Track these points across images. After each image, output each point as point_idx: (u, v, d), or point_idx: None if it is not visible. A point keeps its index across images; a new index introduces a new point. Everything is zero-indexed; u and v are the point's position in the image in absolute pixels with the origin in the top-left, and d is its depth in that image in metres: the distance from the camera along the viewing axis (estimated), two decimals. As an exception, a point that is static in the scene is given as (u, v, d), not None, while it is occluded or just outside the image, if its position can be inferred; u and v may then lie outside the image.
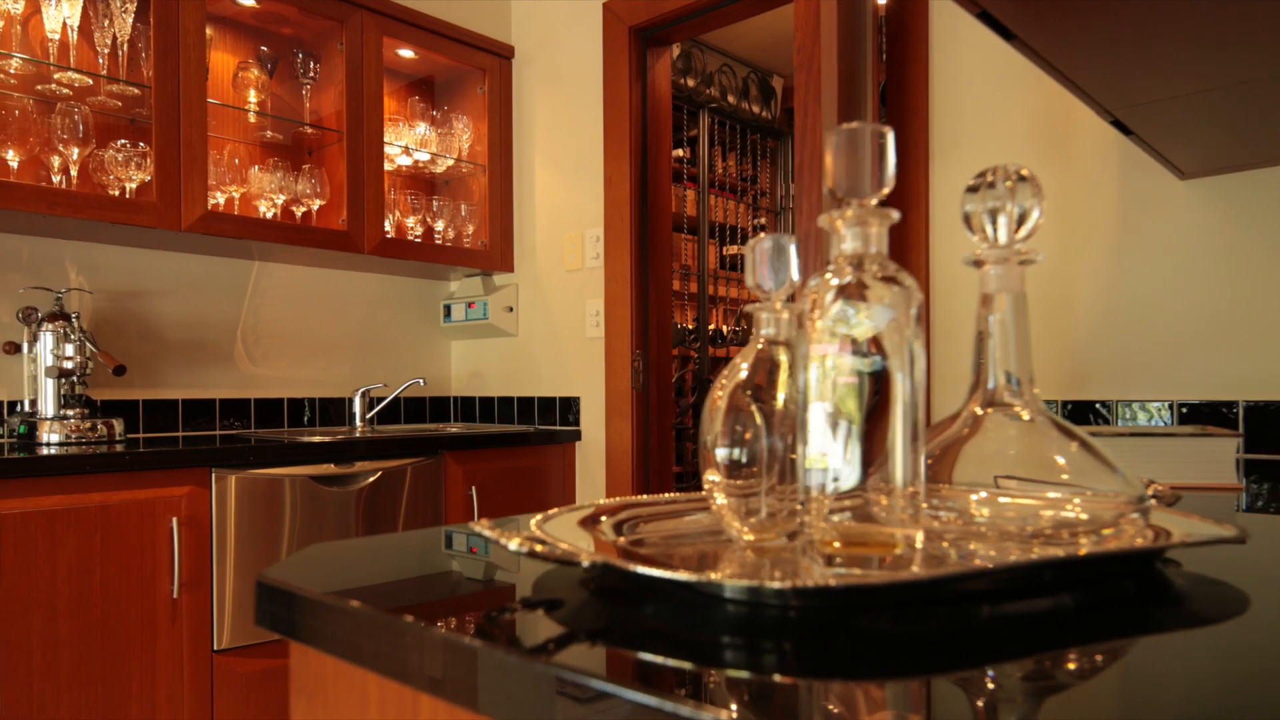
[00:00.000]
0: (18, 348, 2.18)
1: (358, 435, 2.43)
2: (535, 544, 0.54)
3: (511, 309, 3.00)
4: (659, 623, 0.49)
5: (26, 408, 2.21)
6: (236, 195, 2.51)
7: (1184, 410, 1.67)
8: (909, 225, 2.02)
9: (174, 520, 1.90)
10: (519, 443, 2.62)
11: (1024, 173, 0.56)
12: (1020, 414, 0.59)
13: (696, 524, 0.73)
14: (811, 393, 0.53)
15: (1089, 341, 1.80)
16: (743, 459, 0.60)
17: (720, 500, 0.61)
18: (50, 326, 2.14)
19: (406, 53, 2.85)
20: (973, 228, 0.58)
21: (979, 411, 0.60)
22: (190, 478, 1.95)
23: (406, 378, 3.06)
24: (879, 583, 0.50)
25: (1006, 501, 0.59)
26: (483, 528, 0.61)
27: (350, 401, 2.81)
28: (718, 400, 0.62)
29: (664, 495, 0.78)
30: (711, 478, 0.61)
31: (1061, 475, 0.59)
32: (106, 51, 2.19)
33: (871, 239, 0.53)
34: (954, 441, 0.61)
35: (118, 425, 2.19)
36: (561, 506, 0.71)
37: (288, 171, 2.57)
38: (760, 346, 0.63)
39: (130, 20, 2.21)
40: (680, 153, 4.18)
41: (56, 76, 2.15)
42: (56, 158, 2.15)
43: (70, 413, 2.14)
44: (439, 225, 2.92)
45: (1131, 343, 1.75)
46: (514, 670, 0.43)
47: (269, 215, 2.57)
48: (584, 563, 0.54)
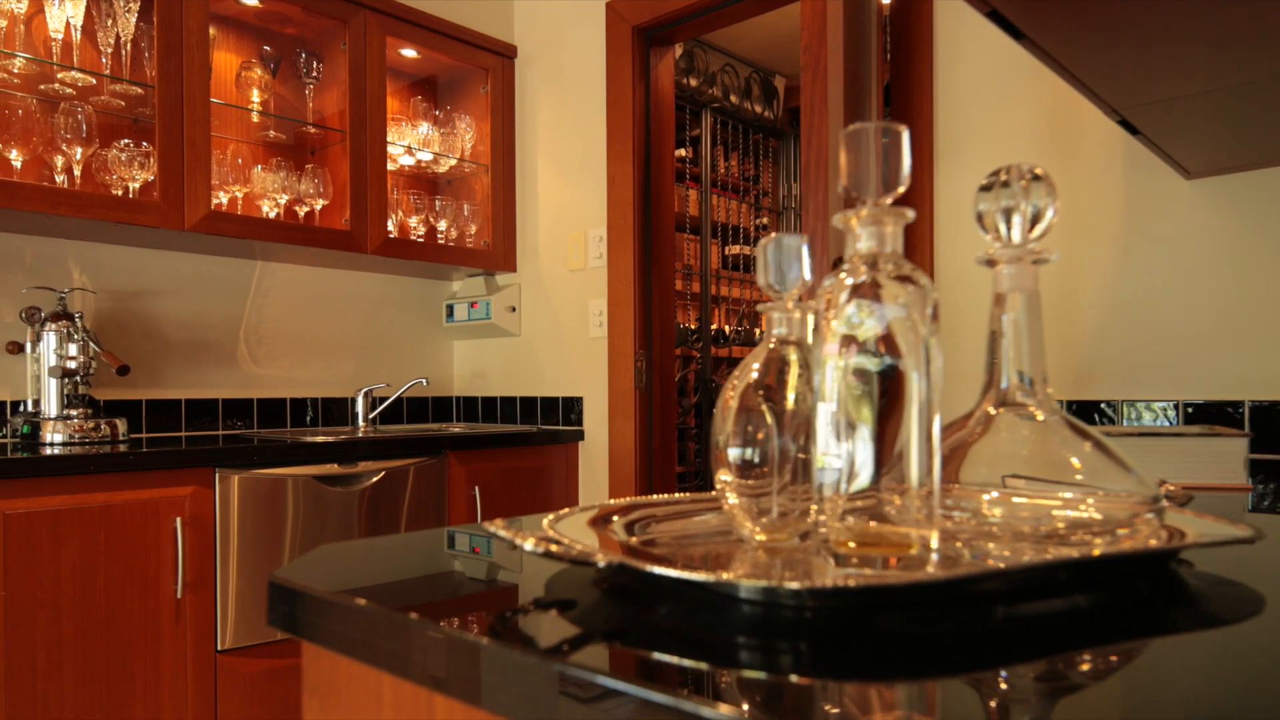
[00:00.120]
0: (21, 348, 2.18)
1: (361, 435, 2.42)
2: (550, 544, 0.54)
3: (514, 309, 3.00)
4: (674, 623, 0.49)
5: (30, 408, 2.21)
6: (239, 195, 2.51)
7: (1189, 410, 1.67)
8: (913, 225, 2.02)
9: (178, 520, 1.90)
10: (522, 443, 2.62)
11: (1038, 171, 0.56)
12: (1034, 414, 0.59)
13: (706, 524, 0.72)
14: (825, 392, 0.53)
15: (1094, 341, 1.80)
16: (754, 459, 0.60)
17: (732, 500, 0.61)
18: (53, 326, 2.14)
19: (409, 52, 2.84)
20: (986, 227, 0.58)
21: (992, 411, 0.60)
22: (194, 478, 1.95)
23: (409, 378, 3.06)
24: (896, 583, 0.49)
25: (1020, 502, 0.59)
26: (497, 528, 0.61)
27: (353, 401, 2.81)
28: (729, 400, 0.62)
29: (674, 495, 0.78)
30: (723, 478, 0.61)
31: (1075, 475, 0.59)
32: (110, 51, 2.19)
33: (886, 238, 0.53)
34: (964, 441, 0.61)
35: (121, 425, 2.19)
36: (565, 507, 0.71)
37: (291, 171, 2.57)
38: (772, 346, 0.63)
39: (133, 20, 2.21)
40: (683, 152, 4.18)
41: (60, 76, 2.14)
42: (60, 157, 2.14)
43: (74, 413, 2.14)
44: (442, 225, 2.92)
45: (1137, 342, 1.75)
46: (531, 670, 0.43)
47: (272, 215, 2.57)
48: (600, 563, 0.54)
